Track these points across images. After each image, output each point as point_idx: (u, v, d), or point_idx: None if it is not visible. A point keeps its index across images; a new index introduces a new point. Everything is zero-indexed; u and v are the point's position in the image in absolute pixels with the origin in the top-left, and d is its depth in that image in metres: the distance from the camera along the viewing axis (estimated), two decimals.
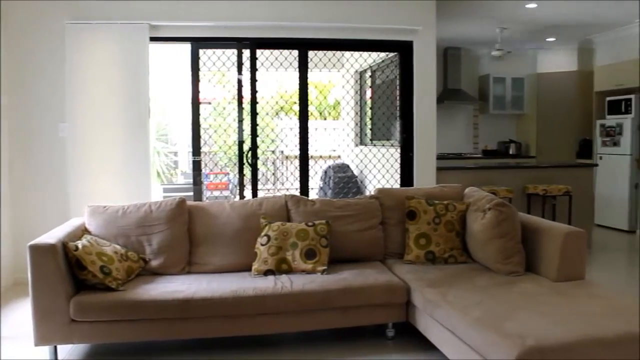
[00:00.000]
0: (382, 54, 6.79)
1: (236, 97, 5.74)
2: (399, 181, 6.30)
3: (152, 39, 5.42)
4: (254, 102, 5.72)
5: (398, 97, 6.30)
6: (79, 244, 3.52)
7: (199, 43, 5.63)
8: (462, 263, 4.09)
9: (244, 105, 5.74)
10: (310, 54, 5.99)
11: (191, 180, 5.90)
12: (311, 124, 6.08)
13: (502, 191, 6.16)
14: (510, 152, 9.92)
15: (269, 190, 9.42)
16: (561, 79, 9.76)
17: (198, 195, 5.75)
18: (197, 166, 5.72)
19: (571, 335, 2.62)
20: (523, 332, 2.64)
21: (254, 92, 5.71)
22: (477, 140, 10.19)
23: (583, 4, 6.82)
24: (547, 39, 9.12)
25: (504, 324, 2.79)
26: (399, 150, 6.30)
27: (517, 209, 4.03)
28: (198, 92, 5.65)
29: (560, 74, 9.77)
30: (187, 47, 5.64)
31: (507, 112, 10.05)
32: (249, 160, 5.78)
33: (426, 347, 3.58)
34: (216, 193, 7.99)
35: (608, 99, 8.60)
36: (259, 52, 5.76)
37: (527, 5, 6.82)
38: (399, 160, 6.31)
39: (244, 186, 5.88)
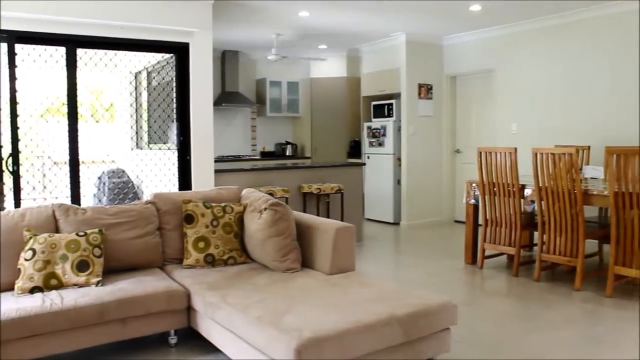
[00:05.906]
0: (159, 55, 6.62)
1: None
2: (177, 185, 6.19)
3: None
4: (13, 102, 5.21)
5: (175, 100, 6.19)
6: None
7: None
8: (241, 264, 4.15)
9: (1, 106, 5.20)
10: (81, 52, 5.62)
11: None
12: (82, 127, 5.71)
13: (279, 191, 6.37)
14: (287, 154, 10.32)
15: (35, 199, 8.64)
16: (332, 84, 10.39)
17: None
18: None
19: (344, 323, 2.81)
20: (300, 325, 2.76)
21: (13, 91, 5.20)
22: (255, 142, 10.43)
23: (349, 17, 7.33)
24: (319, 46, 9.65)
25: (282, 319, 2.88)
26: (176, 153, 6.19)
27: (293, 208, 4.22)
28: None
29: (331, 79, 10.39)
30: None
31: (283, 114, 10.41)
32: (10, 167, 5.26)
33: (210, 351, 3.59)
34: None
35: (373, 103, 9.38)
36: (19, 46, 5.25)
37: (300, 14, 7.13)
38: (176, 164, 6.20)
39: (4, 196, 5.32)
